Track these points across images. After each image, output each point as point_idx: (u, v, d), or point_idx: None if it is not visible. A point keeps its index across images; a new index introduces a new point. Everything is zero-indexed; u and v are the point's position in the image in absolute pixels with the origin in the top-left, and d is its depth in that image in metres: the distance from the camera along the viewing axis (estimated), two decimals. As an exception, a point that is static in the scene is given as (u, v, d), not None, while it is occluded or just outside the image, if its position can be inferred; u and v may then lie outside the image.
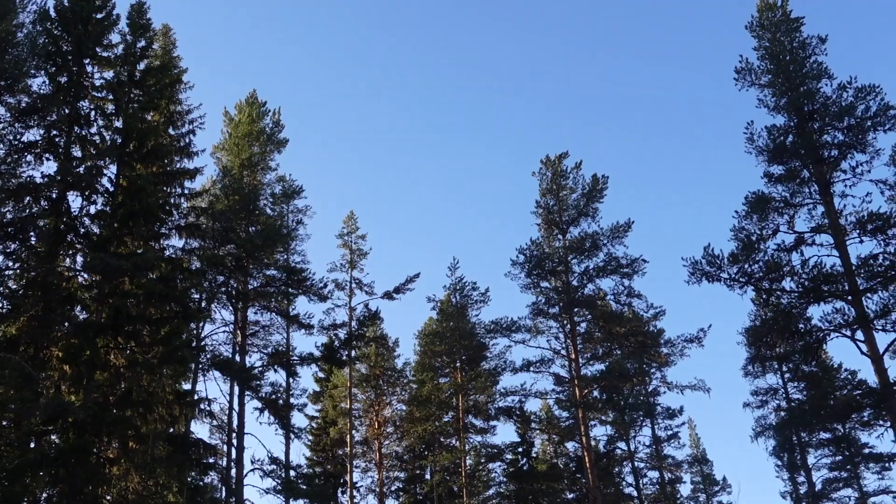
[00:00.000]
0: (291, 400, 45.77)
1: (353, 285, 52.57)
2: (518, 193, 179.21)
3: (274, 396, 41.89)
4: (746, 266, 36.78)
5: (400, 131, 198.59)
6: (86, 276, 30.28)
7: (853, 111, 37.18)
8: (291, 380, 45.16)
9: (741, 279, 36.91)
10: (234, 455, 38.60)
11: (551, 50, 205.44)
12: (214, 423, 39.05)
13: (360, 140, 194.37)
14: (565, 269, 47.38)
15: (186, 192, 35.90)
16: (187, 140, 38.20)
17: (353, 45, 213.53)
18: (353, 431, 54.82)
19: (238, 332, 41.66)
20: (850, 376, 52.37)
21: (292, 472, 42.71)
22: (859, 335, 34.75)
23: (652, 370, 50.59)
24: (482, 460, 54.68)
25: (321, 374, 61.02)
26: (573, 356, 46.28)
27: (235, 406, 39.43)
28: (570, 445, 55.56)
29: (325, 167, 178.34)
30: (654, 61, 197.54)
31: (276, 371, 42.72)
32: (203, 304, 39.22)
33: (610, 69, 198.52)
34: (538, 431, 56.09)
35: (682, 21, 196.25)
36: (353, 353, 49.71)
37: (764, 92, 40.07)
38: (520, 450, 55.36)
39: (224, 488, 37.70)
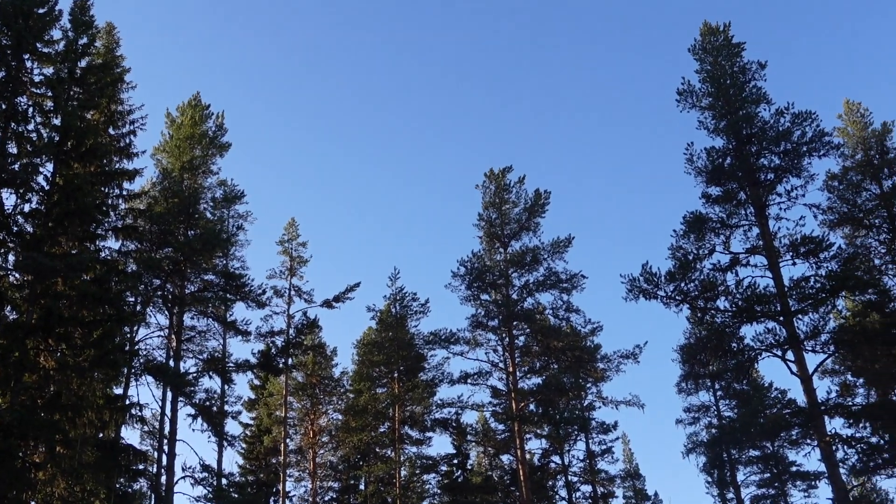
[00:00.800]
0: (226, 407, 45.20)
1: (293, 293, 52.20)
2: (461, 205, 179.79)
3: (208, 403, 41.33)
4: (683, 284, 37.39)
5: (345, 139, 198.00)
6: (17, 275, 29.53)
7: (790, 136, 38.11)
8: (226, 387, 44.62)
9: (677, 297, 37.51)
10: (164, 462, 37.99)
11: (498, 62, 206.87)
12: (146, 428, 38.43)
13: (304, 147, 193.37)
14: (506, 282, 47.64)
15: (125, 193, 35.37)
16: (127, 140, 37.59)
17: (297, 50, 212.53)
18: (288, 440, 54.32)
19: (173, 336, 41.04)
20: (779, 395, 53.58)
21: (224, 481, 42.16)
22: (790, 355, 35.56)
23: (588, 385, 51.08)
24: (417, 471, 54.56)
25: (257, 382, 60.36)
26: (511, 369, 46.49)
27: (168, 412, 38.85)
28: (505, 458, 55.76)
29: (268, 173, 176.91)
30: (597, 76, 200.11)
31: (211, 377, 42.20)
32: (138, 308, 38.58)
33: (553, 83, 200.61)
34: (474, 444, 56.18)
35: (626, 38, 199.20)
36: (290, 360, 49.26)
37: (704, 114, 40.87)
38: (455, 462, 55.36)
39: (153, 495, 37.06)
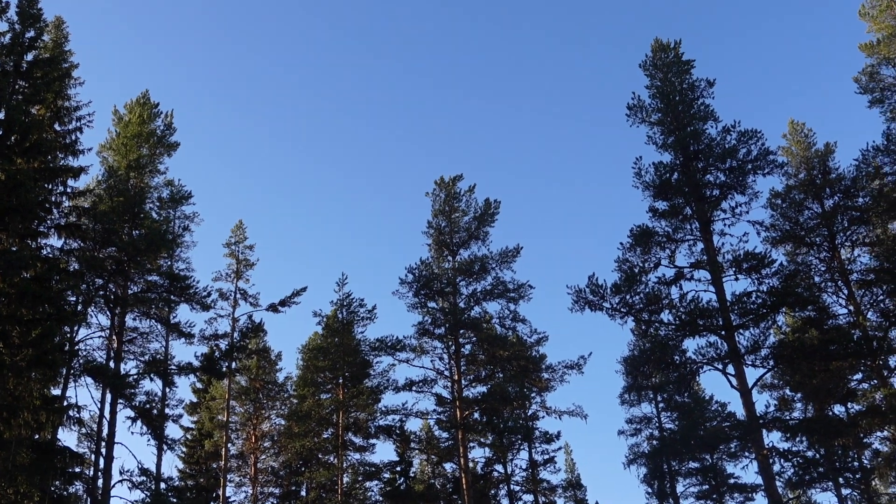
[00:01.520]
0: (167, 410, 44.51)
1: (238, 296, 51.55)
2: (411, 212, 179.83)
3: (148, 406, 40.74)
4: (628, 297, 37.80)
5: (295, 142, 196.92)
6: (-46, 271, 28.86)
7: (735, 154, 38.78)
8: (168, 389, 43.94)
9: (622, 309, 37.90)
10: (101, 465, 37.35)
11: (448, 73, 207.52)
12: (83, 431, 37.70)
13: (254, 149, 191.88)
14: (453, 290, 47.68)
15: (69, 190, 34.74)
16: (73, 137, 36.85)
17: (247, 51, 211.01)
18: (229, 445, 53.64)
19: (114, 337, 40.42)
20: (720, 408, 54.37)
21: (163, 485, 41.57)
22: (730, 369, 36.14)
23: (532, 394, 51.27)
24: (359, 478, 54.20)
25: (199, 385, 59.55)
26: (456, 377, 46.50)
27: (106, 414, 38.26)
28: (448, 466, 55.69)
29: (217, 174, 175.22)
30: (550, 84, 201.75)
31: (152, 380, 41.66)
32: (79, 307, 37.89)
33: (505, 90, 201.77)
34: (417, 451, 55.98)
35: (578, 50, 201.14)
36: (233, 364, 48.79)
37: (653, 129, 41.46)
38: (398, 469, 55.13)
39: (90, 499, 36.38)
